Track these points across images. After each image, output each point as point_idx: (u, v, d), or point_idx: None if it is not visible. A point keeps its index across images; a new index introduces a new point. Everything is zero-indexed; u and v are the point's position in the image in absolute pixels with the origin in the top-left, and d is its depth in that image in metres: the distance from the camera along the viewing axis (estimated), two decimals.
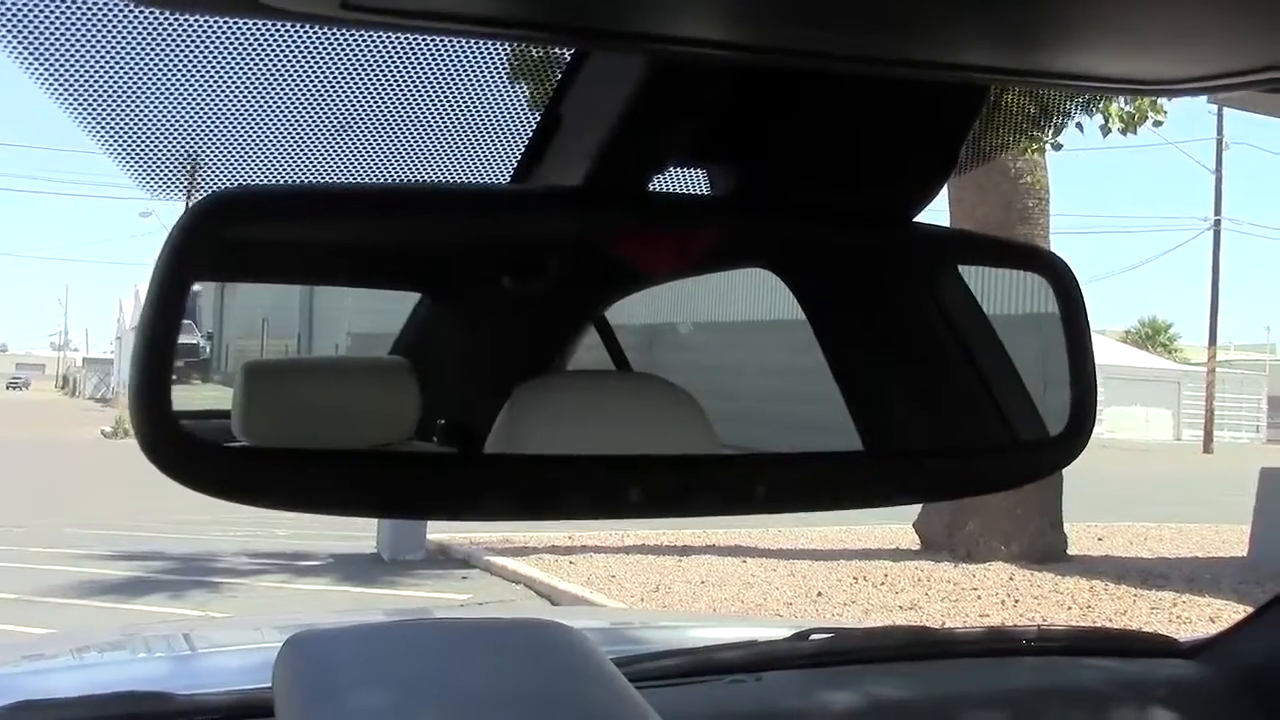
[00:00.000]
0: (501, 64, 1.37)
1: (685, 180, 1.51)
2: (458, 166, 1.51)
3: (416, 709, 1.26)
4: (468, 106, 1.41)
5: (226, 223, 1.22)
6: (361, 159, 1.46)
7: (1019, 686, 2.36)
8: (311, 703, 1.29)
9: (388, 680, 1.32)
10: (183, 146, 1.43)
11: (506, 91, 1.41)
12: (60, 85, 1.29)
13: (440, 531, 14.52)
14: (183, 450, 1.18)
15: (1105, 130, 13.06)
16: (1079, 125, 12.88)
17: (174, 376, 1.24)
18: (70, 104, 1.32)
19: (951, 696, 2.28)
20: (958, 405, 1.76)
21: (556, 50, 1.41)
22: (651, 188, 1.42)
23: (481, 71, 1.36)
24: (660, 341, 2.57)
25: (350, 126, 1.42)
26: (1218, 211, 48.65)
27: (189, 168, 1.48)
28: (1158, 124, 13.34)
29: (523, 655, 1.41)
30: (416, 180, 1.62)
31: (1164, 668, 2.51)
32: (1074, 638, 2.64)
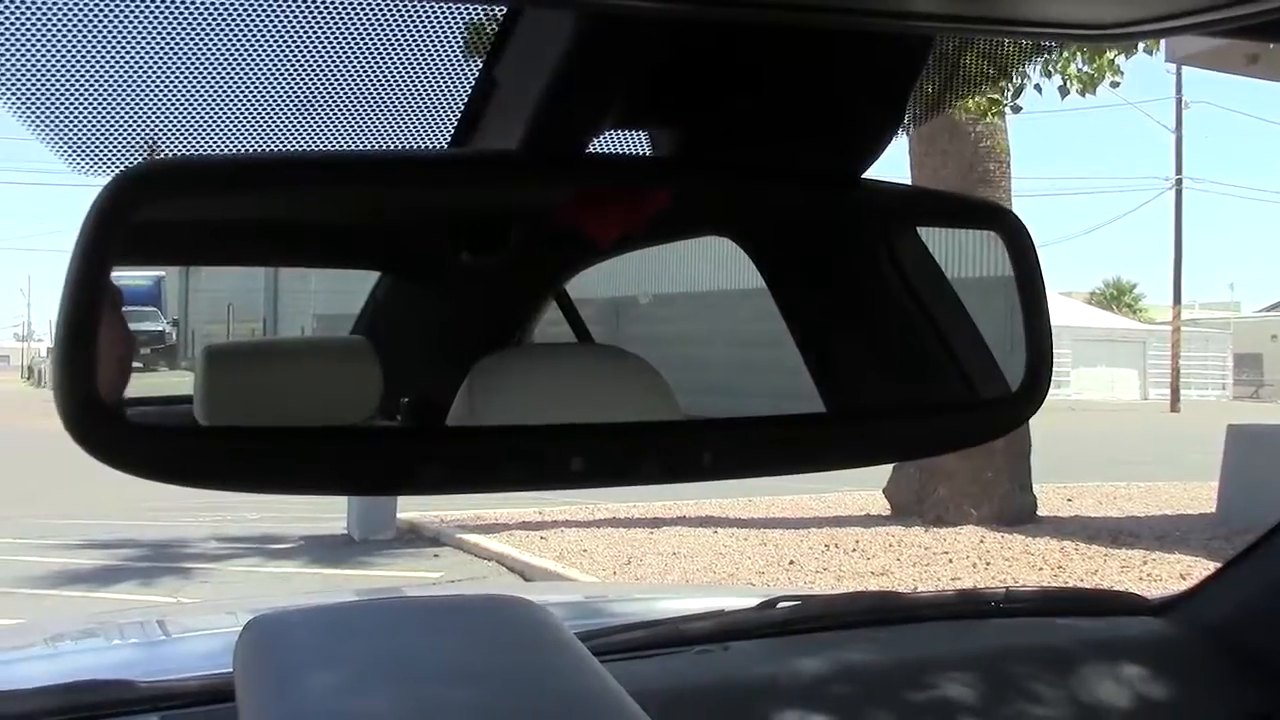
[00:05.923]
0: (436, 29, 1.34)
1: (626, 143, 1.48)
2: (392, 138, 1.49)
3: (375, 688, 1.25)
4: (402, 75, 1.39)
5: (146, 197, 1.16)
6: (287, 131, 1.43)
7: (986, 648, 2.36)
8: (271, 684, 1.29)
9: (346, 660, 1.32)
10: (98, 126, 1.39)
11: (443, 58, 1.38)
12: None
13: (411, 510, 14.49)
14: (117, 434, 1.15)
15: (1064, 91, 13.06)
16: (1037, 87, 12.88)
17: (138, 364, 1.23)
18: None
19: (919, 660, 2.28)
20: (917, 364, 1.74)
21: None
22: (592, 151, 1.39)
23: (415, 37, 1.33)
24: (626, 314, 2.57)
25: (271, 97, 1.39)
26: (1179, 171, 48.82)
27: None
28: (1114, 84, 13.37)
29: (484, 632, 1.40)
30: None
31: (1132, 625, 2.52)
32: (1042, 598, 2.65)
